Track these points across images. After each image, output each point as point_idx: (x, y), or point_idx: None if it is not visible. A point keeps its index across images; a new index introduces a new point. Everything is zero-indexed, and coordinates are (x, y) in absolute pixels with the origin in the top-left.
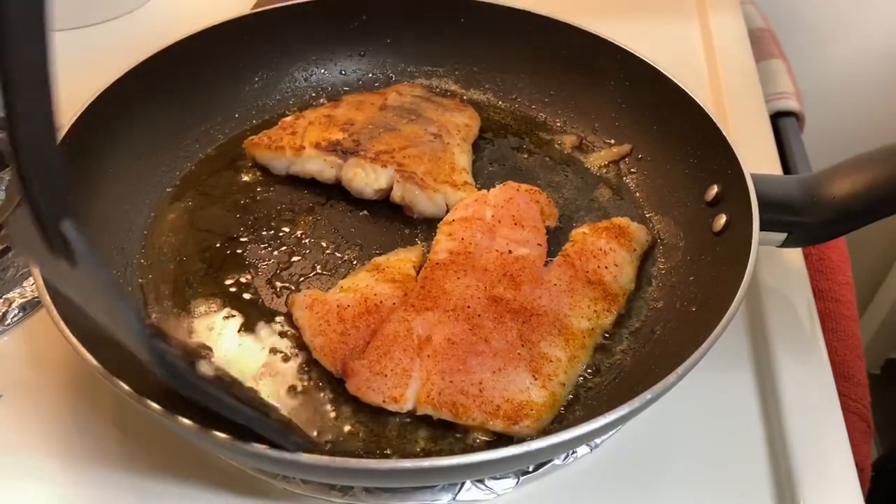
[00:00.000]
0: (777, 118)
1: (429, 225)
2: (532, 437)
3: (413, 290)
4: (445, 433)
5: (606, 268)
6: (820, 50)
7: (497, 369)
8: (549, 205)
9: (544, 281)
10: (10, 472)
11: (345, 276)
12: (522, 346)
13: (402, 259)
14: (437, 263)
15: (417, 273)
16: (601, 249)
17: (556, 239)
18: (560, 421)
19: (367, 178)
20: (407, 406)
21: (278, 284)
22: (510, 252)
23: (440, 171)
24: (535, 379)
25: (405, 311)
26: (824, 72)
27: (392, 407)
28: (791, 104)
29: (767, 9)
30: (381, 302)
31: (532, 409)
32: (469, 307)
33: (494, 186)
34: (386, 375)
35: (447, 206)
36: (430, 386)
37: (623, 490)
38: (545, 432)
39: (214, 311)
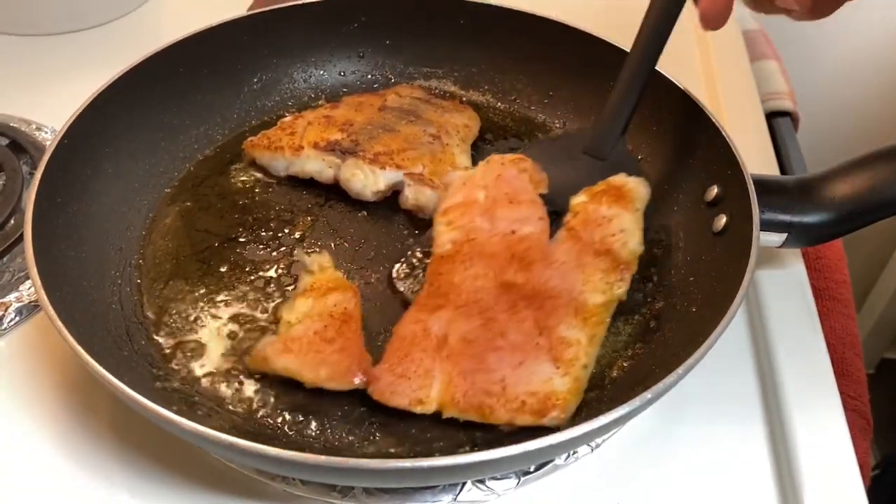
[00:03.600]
0: (771, 118)
1: (428, 224)
2: (561, 427)
3: (423, 288)
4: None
5: (613, 235)
6: (813, 50)
7: (517, 364)
8: (536, 171)
9: (553, 260)
10: (8, 475)
11: (344, 277)
12: (540, 334)
13: (323, 268)
14: (443, 257)
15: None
16: (604, 217)
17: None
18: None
19: (365, 181)
20: (432, 407)
21: (278, 285)
22: (513, 233)
23: (443, 171)
24: (557, 367)
25: (417, 310)
26: (818, 71)
27: (418, 409)
28: (785, 104)
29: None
30: (345, 309)
31: (558, 399)
32: (481, 300)
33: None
34: (409, 378)
35: None
36: (452, 389)
37: (624, 490)
38: (551, 428)
39: (213, 312)
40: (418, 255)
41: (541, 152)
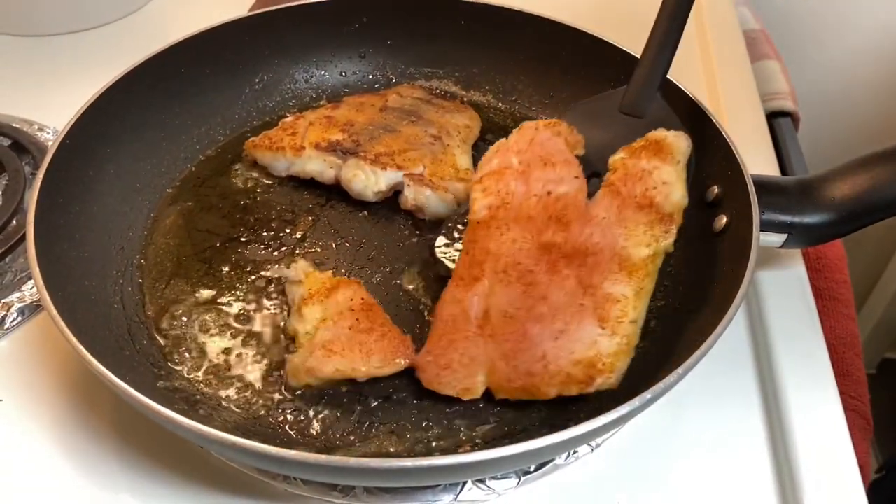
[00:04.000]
0: (772, 119)
1: (429, 225)
2: (613, 388)
3: (460, 258)
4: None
5: (655, 188)
6: (814, 50)
7: (559, 333)
8: (570, 133)
9: (592, 216)
10: (10, 476)
11: (344, 277)
12: (584, 293)
13: (308, 273)
14: (479, 223)
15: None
16: (644, 170)
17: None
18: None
19: (366, 181)
20: (479, 392)
21: (278, 285)
22: (549, 193)
23: (444, 171)
24: (604, 328)
25: (456, 286)
26: (819, 72)
27: (467, 397)
28: (786, 105)
29: (761, 10)
30: (362, 299)
31: (604, 363)
32: (520, 264)
33: None
34: (454, 369)
35: (457, 203)
36: (497, 374)
37: (624, 490)
38: (552, 427)
39: (214, 312)
40: (459, 227)
41: (577, 115)
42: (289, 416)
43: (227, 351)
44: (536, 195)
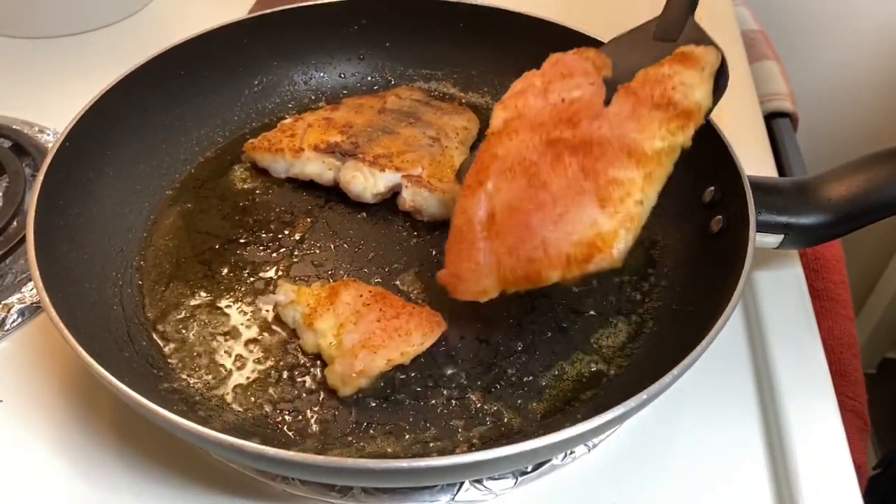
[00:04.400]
0: (771, 119)
1: (427, 226)
2: (617, 266)
3: (471, 167)
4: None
5: (674, 88)
6: (813, 51)
7: (558, 217)
8: (598, 56)
9: (604, 113)
10: (10, 477)
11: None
12: (586, 177)
13: (296, 290)
14: (493, 134)
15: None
16: (665, 75)
17: None
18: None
19: (365, 183)
20: (495, 292)
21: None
22: (563, 100)
23: (443, 173)
24: (604, 208)
25: (463, 196)
26: (818, 73)
27: (484, 299)
28: (785, 105)
29: (760, 10)
30: (369, 291)
31: (603, 241)
32: (525, 159)
33: None
34: (465, 277)
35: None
36: (503, 268)
37: (621, 490)
38: (549, 428)
39: (213, 313)
40: None
41: (609, 48)
42: (287, 417)
43: (226, 352)
44: (552, 104)
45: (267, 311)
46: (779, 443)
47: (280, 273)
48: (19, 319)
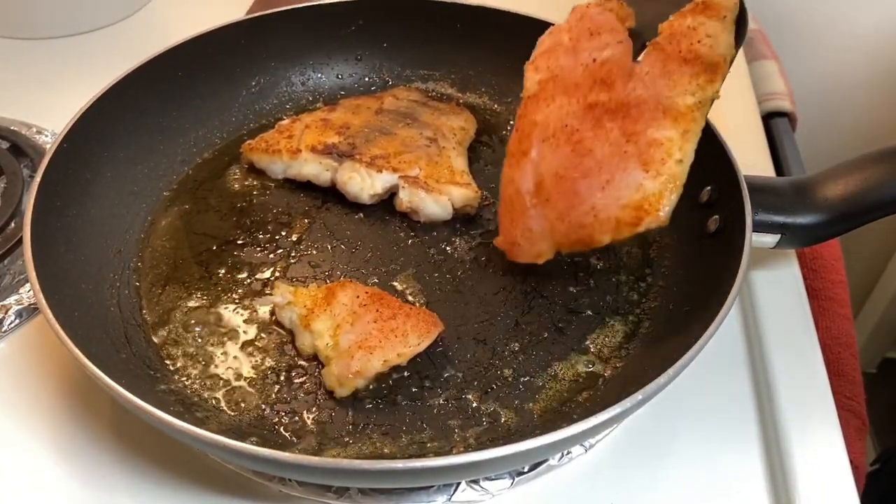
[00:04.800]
0: (769, 119)
1: (424, 227)
2: (665, 225)
3: (511, 135)
4: None
5: (700, 41)
6: (811, 50)
7: (605, 183)
8: (621, 7)
9: (636, 72)
10: (8, 478)
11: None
12: (627, 141)
13: (292, 291)
14: (529, 98)
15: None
16: (689, 27)
17: None
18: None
19: (362, 184)
20: (550, 254)
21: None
22: (594, 60)
23: (440, 174)
24: (647, 171)
25: (508, 166)
26: (816, 72)
27: (542, 260)
28: (783, 105)
29: (758, 9)
30: (365, 292)
31: (650, 203)
32: (566, 126)
33: (493, 187)
34: (519, 243)
35: (452, 206)
36: (556, 234)
37: (618, 490)
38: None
39: (211, 315)
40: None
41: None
42: (284, 419)
43: (223, 353)
44: (583, 64)
45: (264, 312)
46: (776, 443)
47: (277, 274)
48: (17, 321)
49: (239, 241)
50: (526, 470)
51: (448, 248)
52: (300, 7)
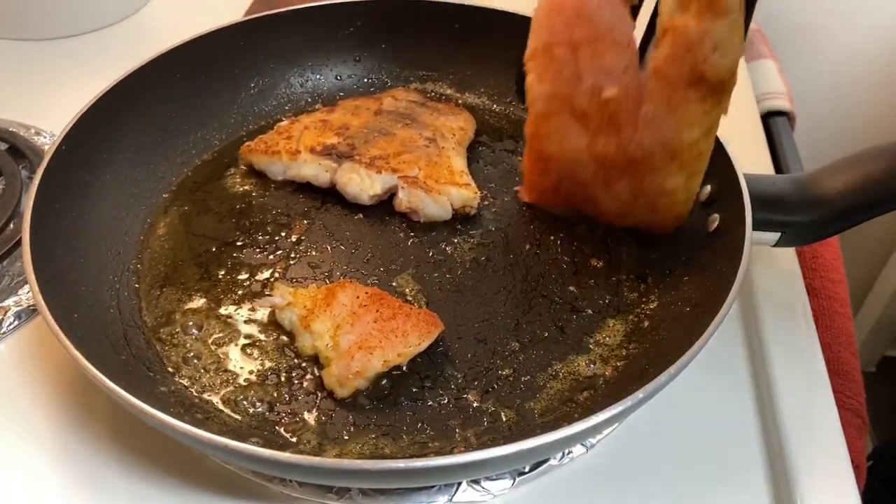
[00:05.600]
0: (768, 118)
1: (423, 227)
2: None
3: (526, 144)
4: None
5: (705, 60)
6: (810, 49)
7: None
8: None
9: (642, 115)
10: (7, 479)
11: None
12: (636, 199)
13: (291, 292)
14: (539, 115)
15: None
16: (693, 36)
17: None
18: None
19: (362, 184)
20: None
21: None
22: (601, 94)
23: (440, 174)
24: (655, 218)
25: (530, 172)
26: (815, 71)
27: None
28: (782, 104)
29: (758, 9)
30: (366, 293)
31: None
32: (578, 175)
33: (492, 187)
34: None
35: (452, 206)
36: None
37: (619, 490)
38: (546, 427)
39: (210, 316)
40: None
41: None
42: (284, 419)
43: (222, 354)
44: (588, 89)
45: (264, 313)
46: (777, 442)
47: (277, 275)
48: (16, 322)
49: (238, 243)
50: (527, 470)
51: (448, 248)
52: (299, 8)
